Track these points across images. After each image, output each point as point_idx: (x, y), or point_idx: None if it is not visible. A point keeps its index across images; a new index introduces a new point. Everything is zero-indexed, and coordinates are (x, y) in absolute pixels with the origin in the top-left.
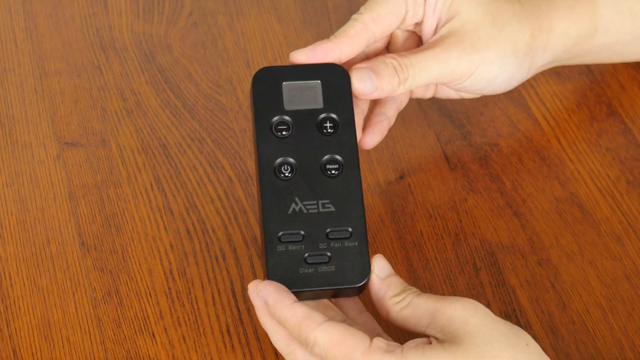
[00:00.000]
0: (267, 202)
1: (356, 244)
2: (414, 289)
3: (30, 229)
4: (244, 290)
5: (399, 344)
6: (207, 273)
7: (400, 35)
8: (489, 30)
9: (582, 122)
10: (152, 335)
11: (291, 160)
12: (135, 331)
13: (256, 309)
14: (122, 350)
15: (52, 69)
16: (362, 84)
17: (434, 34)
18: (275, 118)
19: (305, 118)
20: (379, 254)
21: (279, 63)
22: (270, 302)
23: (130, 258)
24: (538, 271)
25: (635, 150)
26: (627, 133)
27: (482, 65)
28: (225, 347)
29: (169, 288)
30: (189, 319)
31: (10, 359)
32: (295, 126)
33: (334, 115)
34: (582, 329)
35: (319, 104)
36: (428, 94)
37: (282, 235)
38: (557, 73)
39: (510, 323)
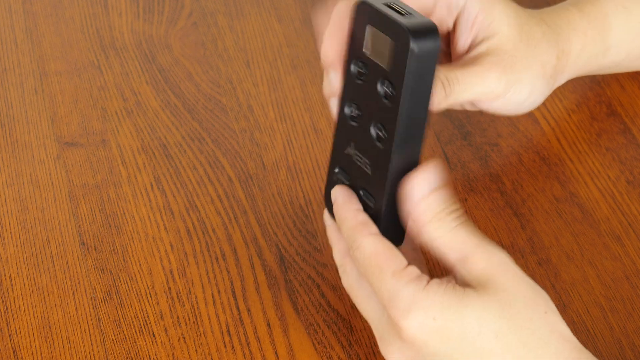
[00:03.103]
0: (338, 133)
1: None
2: (456, 215)
3: (30, 229)
4: (244, 290)
5: (429, 278)
6: (207, 273)
7: None
8: (524, 51)
9: (582, 122)
10: (152, 335)
11: (358, 109)
12: (135, 331)
13: (328, 220)
14: (122, 350)
15: (52, 69)
16: None
17: (468, 49)
18: (358, 62)
19: (376, 73)
20: (434, 160)
21: (278, 63)
22: (340, 201)
23: (130, 258)
24: (538, 271)
25: (635, 150)
26: (627, 133)
27: (516, 86)
28: (225, 347)
29: (169, 288)
30: (189, 319)
31: (10, 359)
32: (368, 76)
33: (392, 84)
34: (582, 329)
35: (386, 64)
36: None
37: (337, 171)
38: None
39: (535, 286)
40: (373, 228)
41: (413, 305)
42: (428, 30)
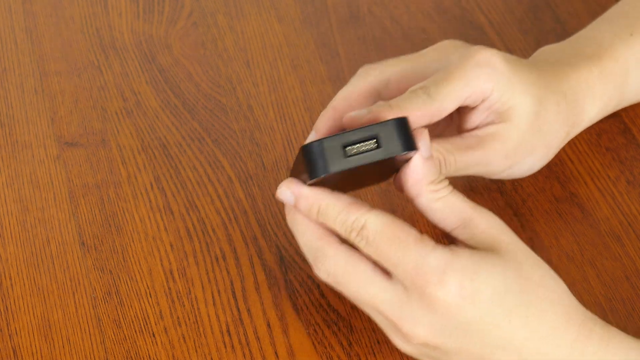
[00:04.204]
0: None
1: None
2: (447, 183)
3: (30, 229)
4: (244, 290)
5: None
6: (207, 273)
7: None
8: (532, 138)
9: None
10: (152, 335)
11: None
12: (135, 331)
13: (287, 205)
14: (122, 350)
15: (52, 69)
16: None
17: (475, 123)
18: None
19: None
20: (424, 129)
21: (278, 63)
22: (306, 190)
23: (130, 258)
24: None
25: (635, 150)
26: (627, 133)
27: (515, 167)
28: (225, 347)
29: (169, 288)
30: (189, 319)
31: (10, 359)
32: None
33: None
34: None
35: None
36: None
37: None
38: None
39: (529, 248)
40: (366, 204)
41: (448, 270)
42: (325, 165)
